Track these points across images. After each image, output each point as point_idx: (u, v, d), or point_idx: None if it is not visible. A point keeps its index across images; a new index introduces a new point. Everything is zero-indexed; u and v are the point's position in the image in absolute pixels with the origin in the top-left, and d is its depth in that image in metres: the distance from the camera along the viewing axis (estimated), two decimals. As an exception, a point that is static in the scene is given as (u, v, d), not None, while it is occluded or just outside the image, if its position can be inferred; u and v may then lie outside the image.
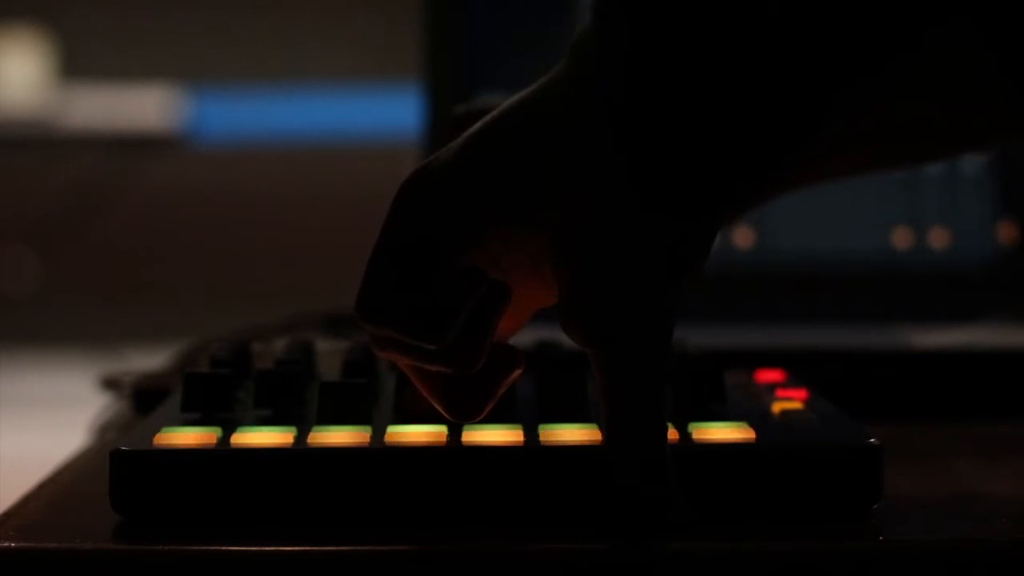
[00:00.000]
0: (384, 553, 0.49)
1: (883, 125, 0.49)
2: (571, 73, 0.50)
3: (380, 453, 0.52)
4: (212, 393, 0.57)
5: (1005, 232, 0.88)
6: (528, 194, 0.49)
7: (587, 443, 0.52)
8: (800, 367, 0.66)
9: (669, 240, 0.49)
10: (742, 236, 0.88)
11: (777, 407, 0.58)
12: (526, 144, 0.50)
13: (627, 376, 0.49)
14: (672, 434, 0.53)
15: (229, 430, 0.54)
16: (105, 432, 0.76)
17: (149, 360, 0.92)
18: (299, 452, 0.52)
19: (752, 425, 0.54)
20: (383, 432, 0.53)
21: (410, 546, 0.49)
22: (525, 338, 0.60)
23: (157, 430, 0.54)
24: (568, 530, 0.50)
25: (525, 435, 0.53)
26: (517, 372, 0.52)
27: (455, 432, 0.53)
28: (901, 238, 0.88)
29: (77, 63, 3.29)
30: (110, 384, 0.83)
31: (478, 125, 0.50)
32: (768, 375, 0.65)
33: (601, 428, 0.51)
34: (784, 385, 0.62)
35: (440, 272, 0.50)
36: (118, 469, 0.52)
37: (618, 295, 0.49)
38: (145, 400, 0.76)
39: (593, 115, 0.49)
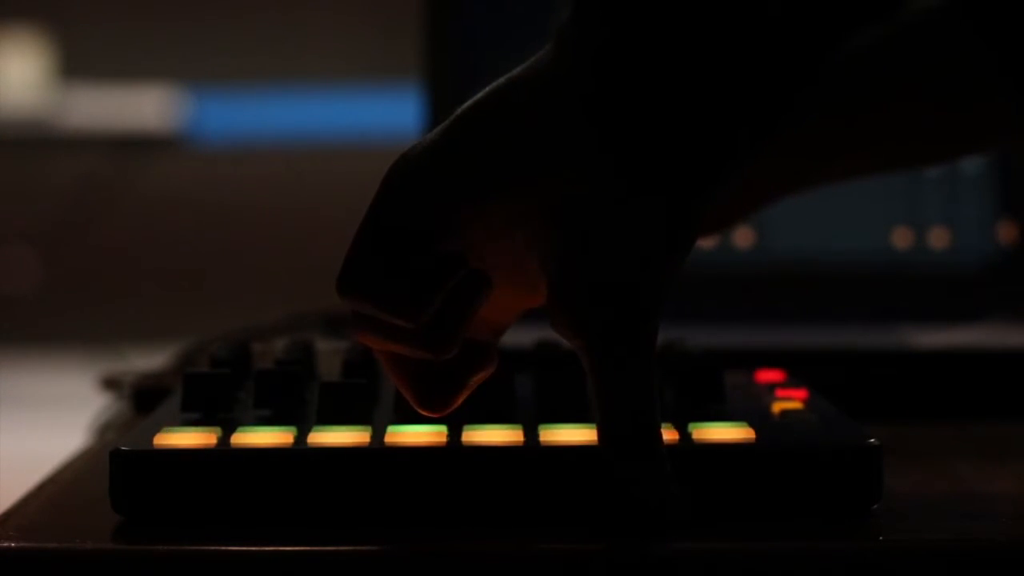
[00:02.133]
0: (384, 553, 0.49)
1: (884, 126, 0.50)
2: (552, 56, 0.50)
3: (380, 453, 0.52)
4: (212, 393, 0.57)
5: (1005, 232, 0.88)
6: (507, 175, 0.50)
7: (587, 443, 0.52)
8: (800, 367, 0.66)
9: (647, 226, 0.49)
10: (742, 236, 0.88)
11: (777, 407, 0.58)
12: (505, 127, 0.50)
13: (615, 367, 0.50)
14: (672, 434, 0.53)
15: (229, 430, 0.54)
16: (105, 432, 0.76)
17: (149, 360, 0.92)
18: (299, 452, 0.52)
19: (752, 425, 0.54)
20: (383, 432, 0.53)
21: (410, 546, 0.49)
22: (525, 338, 0.60)
23: (157, 430, 0.54)
24: (568, 530, 0.50)
25: (525, 435, 0.53)
26: (490, 369, 0.53)
27: (455, 432, 0.53)
28: (901, 238, 0.88)
29: (77, 63, 3.29)
30: (110, 384, 0.83)
31: (462, 108, 0.51)
32: (768, 375, 0.65)
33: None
34: (784, 385, 0.62)
35: (421, 252, 0.50)
36: (118, 469, 0.52)
37: (598, 282, 0.49)
38: (145, 400, 0.76)
39: (568, 97, 0.49)
